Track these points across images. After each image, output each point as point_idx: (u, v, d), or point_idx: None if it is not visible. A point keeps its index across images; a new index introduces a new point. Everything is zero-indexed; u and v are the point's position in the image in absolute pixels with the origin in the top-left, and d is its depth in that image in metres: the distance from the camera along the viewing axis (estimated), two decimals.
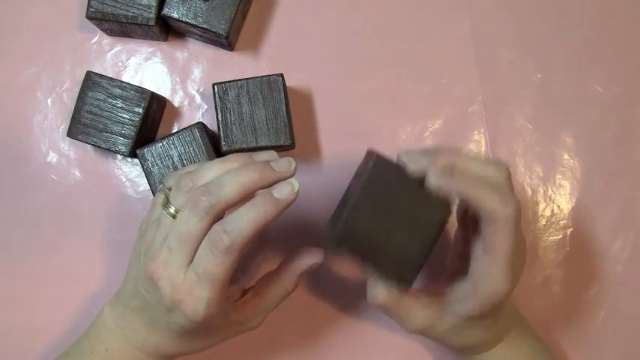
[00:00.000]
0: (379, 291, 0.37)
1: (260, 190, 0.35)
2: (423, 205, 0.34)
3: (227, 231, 0.33)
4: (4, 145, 0.50)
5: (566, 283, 0.50)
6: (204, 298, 0.34)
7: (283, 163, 0.35)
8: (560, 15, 0.51)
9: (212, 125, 0.49)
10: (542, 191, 0.50)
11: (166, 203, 0.36)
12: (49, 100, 0.50)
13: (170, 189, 0.37)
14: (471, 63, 0.50)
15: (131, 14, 0.46)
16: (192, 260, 0.34)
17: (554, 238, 0.50)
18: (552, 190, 0.50)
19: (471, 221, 0.39)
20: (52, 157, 0.50)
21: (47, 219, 0.49)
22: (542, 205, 0.50)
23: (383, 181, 0.34)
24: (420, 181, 0.35)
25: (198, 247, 0.34)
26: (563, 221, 0.50)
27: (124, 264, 0.49)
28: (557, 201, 0.50)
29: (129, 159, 0.50)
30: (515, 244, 0.34)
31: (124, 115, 0.45)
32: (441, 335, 0.39)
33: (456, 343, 0.40)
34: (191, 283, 0.34)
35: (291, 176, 0.35)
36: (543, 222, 0.50)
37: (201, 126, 0.45)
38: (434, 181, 0.34)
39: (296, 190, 0.35)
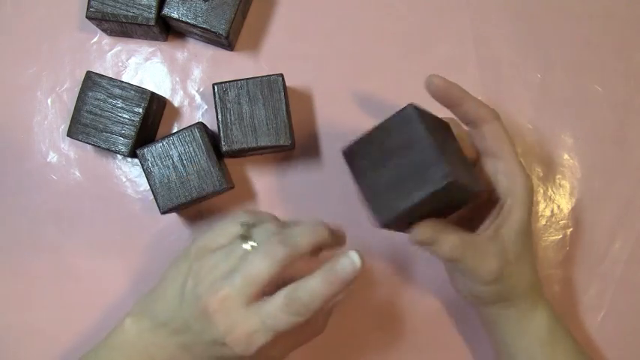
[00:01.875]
0: (454, 240, 0.37)
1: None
2: (422, 167, 0.34)
3: (304, 303, 0.34)
4: (4, 145, 0.50)
5: (566, 283, 0.50)
6: (260, 342, 0.35)
7: (347, 265, 0.36)
8: (560, 15, 0.51)
9: (212, 125, 0.49)
10: (542, 191, 0.50)
11: (246, 237, 0.36)
12: (49, 100, 0.50)
13: (251, 225, 0.37)
14: (471, 63, 0.50)
15: (131, 14, 0.46)
16: (253, 304, 0.35)
17: (554, 238, 0.50)
18: (552, 190, 0.50)
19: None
20: (52, 157, 0.50)
21: (47, 219, 0.49)
22: (542, 205, 0.50)
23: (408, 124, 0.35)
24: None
25: (261, 294, 0.35)
26: (563, 221, 0.50)
27: (124, 264, 0.49)
28: (557, 201, 0.50)
29: (129, 159, 0.50)
30: (511, 138, 0.40)
31: (124, 115, 0.45)
32: (506, 277, 0.39)
33: (516, 284, 0.40)
34: (253, 326, 0.34)
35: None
36: (543, 222, 0.50)
37: (201, 126, 0.45)
38: (437, 81, 0.39)
39: (357, 265, 0.35)
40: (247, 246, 0.36)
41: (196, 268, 0.36)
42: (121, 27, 0.47)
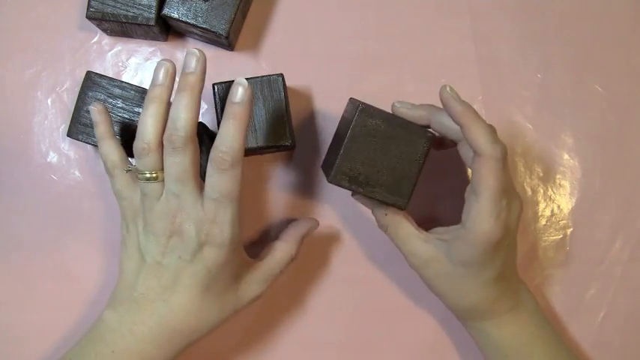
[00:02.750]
0: (381, 213, 0.42)
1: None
2: (408, 136, 0.39)
3: (224, 151, 0.36)
4: (4, 145, 0.50)
5: (566, 283, 0.50)
6: (229, 218, 0.37)
7: (238, 90, 0.37)
8: (560, 15, 0.51)
9: (212, 125, 0.49)
10: (542, 191, 0.50)
11: (138, 174, 0.38)
12: (49, 100, 0.50)
13: (128, 168, 0.40)
14: (471, 63, 0.50)
15: (131, 14, 0.46)
16: (200, 194, 0.37)
17: (554, 238, 0.50)
18: (552, 190, 0.50)
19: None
20: (52, 157, 0.50)
21: (47, 219, 0.49)
22: (542, 205, 0.50)
23: (369, 123, 0.39)
24: (402, 121, 0.40)
25: (197, 179, 0.37)
26: (563, 221, 0.50)
27: None
28: (557, 201, 0.50)
29: (129, 159, 0.50)
30: (501, 184, 0.37)
31: (124, 115, 0.45)
32: (437, 281, 0.41)
33: (452, 298, 0.42)
34: (212, 210, 0.36)
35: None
36: (543, 222, 0.50)
37: (201, 126, 0.45)
38: (445, 95, 0.38)
39: (246, 85, 0.37)
40: (148, 175, 0.38)
41: (136, 225, 0.40)
42: (121, 27, 0.47)
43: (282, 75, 0.45)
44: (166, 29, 0.49)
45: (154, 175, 0.38)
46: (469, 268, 0.39)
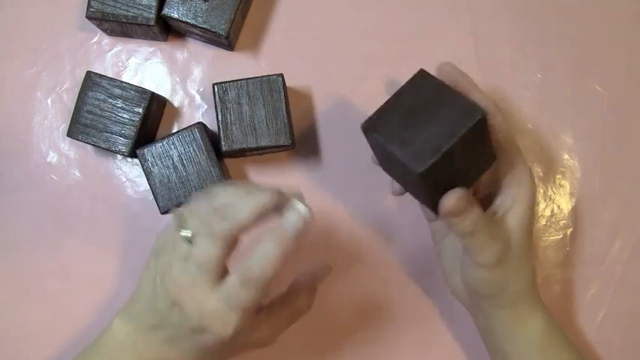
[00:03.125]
0: (474, 216, 0.38)
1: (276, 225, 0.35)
2: (483, 155, 0.38)
3: (254, 271, 0.34)
4: (4, 145, 0.50)
5: (566, 283, 0.50)
6: (234, 324, 0.35)
7: (292, 191, 0.36)
8: (560, 15, 0.51)
9: (212, 125, 0.49)
10: (542, 191, 0.50)
11: (181, 226, 0.36)
12: (49, 100, 0.50)
13: (181, 213, 0.37)
14: (471, 63, 0.50)
15: (131, 14, 0.46)
16: (215, 284, 0.35)
17: (554, 238, 0.50)
18: (552, 190, 0.50)
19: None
20: (52, 157, 0.50)
21: (47, 219, 0.49)
22: (542, 205, 0.50)
23: (473, 138, 0.35)
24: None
25: (219, 271, 0.35)
26: (563, 221, 0.50)
27: (124, 264, 0.49)
28: (557, 201, 0.50)
29: (129, 159, 0.50)
30: (513, 132, 0.39)
31: (124, 115, 0.45)
32: (509, 265, 0.39)
33: (517, 278, 0.40)
34: (221, 311, 0.35)
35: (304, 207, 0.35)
36: (543, 222, 0.50)
37: (201, 126, 0.45)
38: (447, 68, 0.40)
39: (303, 215, 0.34)
40: (185, 233, 0.36)
41: (158, 265, 0.37)
42: (121, 27, 0.47)
43: (282, 75, 0.45)
44: (166, 29, 0.49)
45: (186, 233, 0.36)
46: (527, 232, 0.40)
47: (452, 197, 0.36)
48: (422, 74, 0.38)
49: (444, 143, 0.34)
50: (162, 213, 0.45)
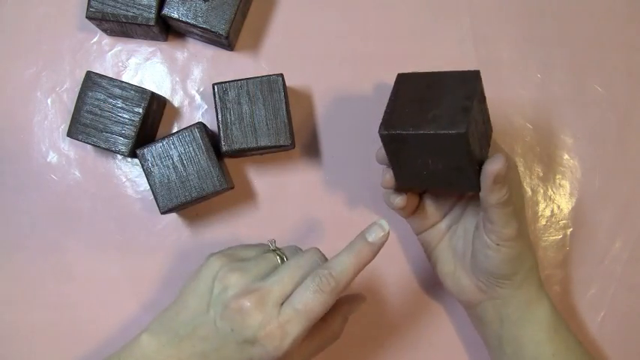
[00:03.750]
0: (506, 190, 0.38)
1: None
2: (486, 120, 0.40)
3: (333, 275, 0.36)
4: (4, 145, 0.50)
5: (566, 283, 0.50)
6: (295, 333, 0.35)
7: (376, 231, 0.38)
8: (560, 15, 0.51)
9: (212, 125, 0.49)
10: (542, 191, 0.50)
11: (276, 251, 0.39)
12: (49, 100, 0.50)
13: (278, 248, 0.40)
14: (471, 63, 0.50)
15: (131, 14, 0.46)
16: (284, 300, 0.36)
17: (554, 238, 0.50)
18: (552, 190, 0.50)
19: None
20: (52, 157, 0.50)
21: (47, 219, 0.49)
22: (542, 205, 0.50)
23: (481, 99, 0.38)
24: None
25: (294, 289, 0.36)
26: (563, 221, 0.50)
27: (124, 264, 0.49)
28: (557, 201, 0.50)
29: (129, 159, 0.50)
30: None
31: (124, 115, 0.45)
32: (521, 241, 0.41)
33: (526, 256, 0.41)
34: (287, 317, 0.35)
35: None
36: (543, 222, 0.50)
37: (201, 126, 0.45)
38: None
39: (386, 231, 0.37)
40: (278, 258, 0.38)
41: (224, 274, 0.37)
42: (121, 27, 0.47)
43: (282, 75, 0.45)
44: (166, 29, 0.49)
45: (280, 257, 0.39)
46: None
47: (499, 160, 0.37)
48: (401, 76, 0.40)
49: (467, 103, 0.36)
50: (163, 213, 0.45)
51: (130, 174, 0.50)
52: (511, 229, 0.39)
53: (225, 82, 0.45)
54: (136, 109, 0.45)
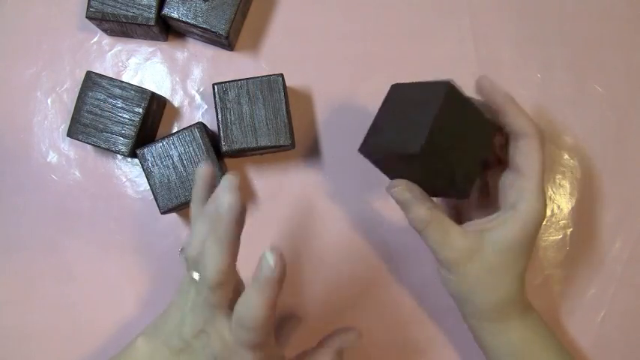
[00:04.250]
0: (423, 210, 0.39)
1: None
2: (476, 125, 0.38)
3: (246, 319, 0.33)
4: (4, 145, 0.50)
5: (566, 283, 0.50)
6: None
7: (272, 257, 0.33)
8: (560, 15, 0.51)
9: (212, 125, 0.49)
10: None
11: (191, 269, 0.36)
12: (49, 100, 0.50)
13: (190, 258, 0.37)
14: (470, 63, 0.50)
15: (131, 14, 0.46)
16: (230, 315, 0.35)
17: (554, 238, 0.50)
18: (552, 190, 0.50)
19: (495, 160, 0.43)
20: (52, 157, 0.50)
21: (47, 219, 0.49)
22: None
23: (453, 108, 0.37)
24: (470, 109, 0.38)
25: (229, 296, 0.35)
26: (563, 221, 0.50)
27: (124, 264, 0.49)
28: (557, 201, 0.50)
29: (129, 159, 0.50)
30: (545, 163, 0.38)
31: (124, 115, 0.45)
32: (469, 277, 0.40)
33: (481, 293, 0.41)
34: (236, 347, 0.34)
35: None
36: (543, 222, 0.50)
37: (201, 126, 0.45)
38: (486, 83, 0.39)
39: (271, 264, 0.32)
40: (195, 276, 0.35)
41: (187, 297, 0.36)
42: (121, 27, 0.47)
43: (282, 75, 0.45)
44: (166, 29, 0.49)
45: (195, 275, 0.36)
46: (508, 255, 0.39)
47: (394, 186, 0.38)
48: (394, 87, 0.41)
49: (426, 119, 0.36)
50: (163, 213, 0.45)
51: (130, 174, 0.50)
52: (440, 256, 0.40)
53: (225, 82, 0.45)
54: (136, 109, 0.45)
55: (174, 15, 0.46)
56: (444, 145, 0.36)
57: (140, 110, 0.45)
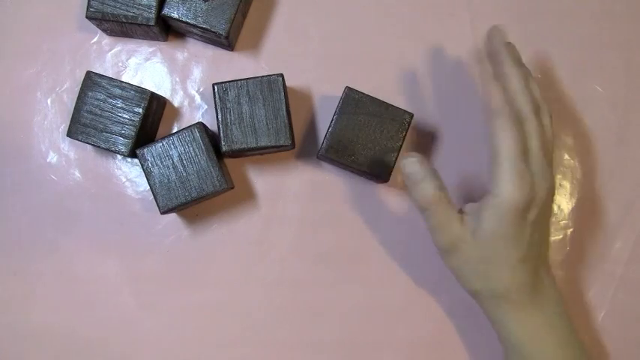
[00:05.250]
0: (432, 188, 0.39)
1: None
2: (390, 115, 0.45)
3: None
4: (4, 146, 0.50)
5: (566, 283, 0.50)
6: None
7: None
8: (560, 15, 0.51)
9: (212, 125, 0.49)
10: None
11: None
12: (49, 100, 0.50)
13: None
14: (471, 63, 0.50)
15: (131, 14, 0.46)
16: None
17: (554, 238, 0.50)
18: None
19: None
20: (52, 157, 0.50)
21: (47, 219, 0.49)
22: None
23: (354, 104, 0.45)
24: (384, 103, 0.45)
25: None
26: (563, 221, 0.50)
27: (124, 264, 0.49)
28: (557, 201, 0.50)
29: (129, 159, 0.50)
30: (517, 144, 0.36)
31: (124, 115, 0.45)
32: (466, 264, 0.40)
33: (479, 281, 0.40)
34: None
35: None
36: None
37: (201, 126, 0.45)
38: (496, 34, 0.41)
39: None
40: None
41: None
42: (121, 27, 0.47)
43: (282, 75, 0.45)
44: (166, 29, 0.49)
45: None
46: (497, 242, 0.38)
47: (408, 162, 0.39)
48: (350, 90, 0.45)
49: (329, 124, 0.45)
50: (162, 213, 0.45)
51: (130, 174, 0.50)
52: (435, 241, 0.41)
53: (225, 82, 0.45)
54: (136, 109, 0.45)
55: (175, 15, 0.46)
56: (345, 143, 0.45)
57: (140, 110, 0.45)
